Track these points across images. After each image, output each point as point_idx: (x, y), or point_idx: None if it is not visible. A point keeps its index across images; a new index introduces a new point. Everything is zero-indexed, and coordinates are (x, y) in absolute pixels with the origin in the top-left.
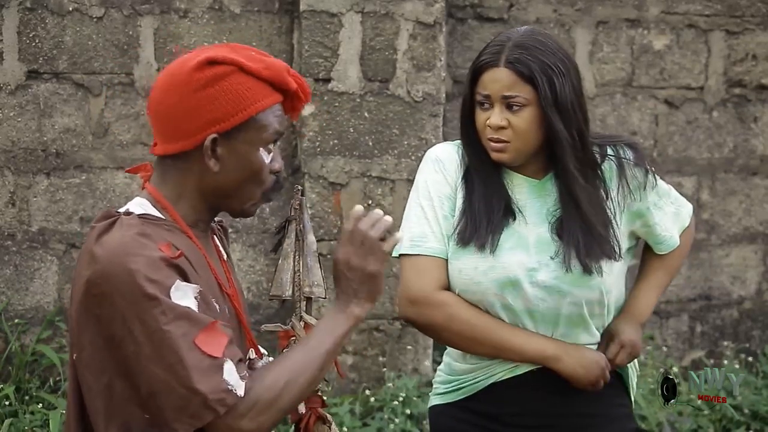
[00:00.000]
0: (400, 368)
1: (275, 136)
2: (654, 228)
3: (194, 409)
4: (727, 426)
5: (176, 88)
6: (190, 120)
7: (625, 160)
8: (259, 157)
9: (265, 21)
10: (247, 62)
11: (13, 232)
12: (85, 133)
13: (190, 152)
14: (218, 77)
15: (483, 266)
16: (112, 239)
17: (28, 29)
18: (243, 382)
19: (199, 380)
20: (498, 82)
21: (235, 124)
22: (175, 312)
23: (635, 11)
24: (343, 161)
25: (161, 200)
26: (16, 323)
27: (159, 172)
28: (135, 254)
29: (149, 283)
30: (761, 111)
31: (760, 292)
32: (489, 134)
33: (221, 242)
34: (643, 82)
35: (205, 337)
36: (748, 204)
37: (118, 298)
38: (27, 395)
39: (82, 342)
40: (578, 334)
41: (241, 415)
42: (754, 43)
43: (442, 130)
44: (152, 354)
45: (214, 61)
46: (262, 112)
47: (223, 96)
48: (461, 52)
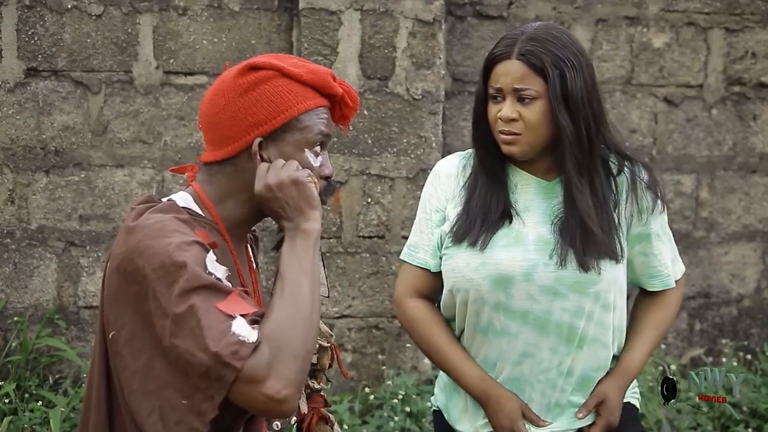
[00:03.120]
0: (399, 366)
1: (320, 137)
2: (652, 259)
3: (215, 372)
4: (726, 424)
5: (221, 95)
6: (235, 124)
7: (639, 178)
8: (305, 158)
9: (265, 18)
10: (289, 67)
11: (12, 230)
12: (84, 131)
13: (236, 157)
14: (260, 81)
15: (475, 263)
16: (151, 219)
17: (27, 27)
18: (255, 331)
19: (211, 338)
20: (510, 74)
21: (278, 125)
22: (199, 280)
23: (635, 9)
24: (343, 159)
25: (205, 199)
26: (15, 321)
27: (206, 174)
28: (171, 232)
29: (180, 251)
30: (760, 109)
31: (759, 290)
32: (500, 127)
33: (253, 252)
34: (643, 79)
35: (228, 303)
36: (748, 202)
37: (150, 272)
38: (27, 393)
39: (121, 320)
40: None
41: (262, 378)
42: (753, 41)
43: (442, 128)
44: (176, 323)
45: (256, 66)
46: (306, 113)
47: (266, 99)
48: (460, 50)
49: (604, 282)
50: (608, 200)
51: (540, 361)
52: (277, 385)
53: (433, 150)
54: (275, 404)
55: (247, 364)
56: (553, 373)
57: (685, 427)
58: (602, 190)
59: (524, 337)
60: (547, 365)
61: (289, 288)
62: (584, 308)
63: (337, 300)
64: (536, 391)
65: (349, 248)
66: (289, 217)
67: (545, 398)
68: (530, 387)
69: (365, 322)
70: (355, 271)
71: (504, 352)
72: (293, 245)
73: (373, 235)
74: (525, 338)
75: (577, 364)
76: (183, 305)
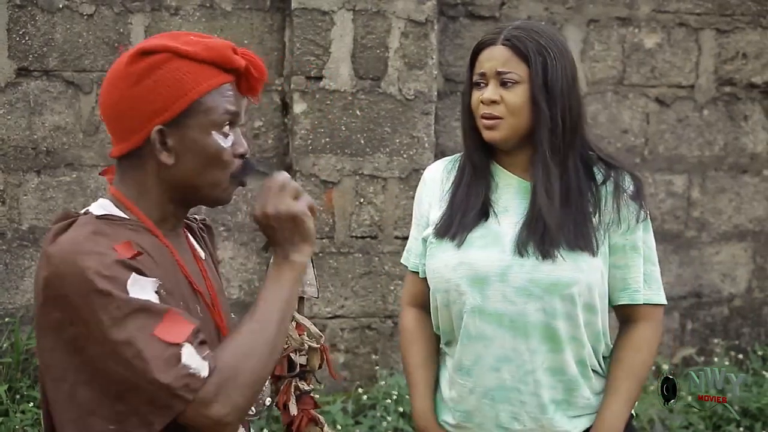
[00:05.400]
0: (392, 366)
1: (227, 117)
2: (623, 270)
3: (163, 401)
4: (717, 423)
5: (115, 85)
6: (134, 115)
7: (622, 187)
8: (213, 140)
9: (257, 18)
10: (183, 46)
11: (3, 231)
12: (75, 131)
13: (141, 149)
14: (153, 66)
15: (452, 262)
16: (66, 239)
17: (18, 26)
18: (206, 362)
19: (159, 371)
20: (494, 59)
21: (178, 111)
22: (130, 306)
23: (626, 10)
24: (335, 159)
25: (123, 200)
26: (6, 322)
27: (119, 174)
28: (87, 252)
29: (101, 278)
30: (751, 109)
31: (750, 290)
32: (482, 110)
33: (200, 241)
34: (635, 80)
35: (165, 327)
36: (738, 202)
37: (74, 298)
38: (18, 394)
39: (42, 347)
40: (555, 356)
41: (210, 401)
42: (744, 42)
43: (434, 128)
44: (112, 353)
45: (147, 51)
46: (208, 94)
47: (161, 84)
48: (453, 50)
49: (580, 284)
50: (584, 194)
51: (521, 365)
52: (223, 410)
53: (425, 150)
54: (218, 427)
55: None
56: (539, 374)
57: (677, 427)
58: (578, 183)
59: (500, 342)
60: (530, 367)
61: (259, 315)
62: (561, 310)
63: (330, 300)
64: (525, 394)
65: (342, 248)
66: (281, 245)
67: (537, 399)
68: (517, 393)
69: (358, 322)
70: (348, 271)
71: (481, 357)
72: (279, 274)
73: (366, 236)
74: (501, 342)
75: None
76: (117, 334)
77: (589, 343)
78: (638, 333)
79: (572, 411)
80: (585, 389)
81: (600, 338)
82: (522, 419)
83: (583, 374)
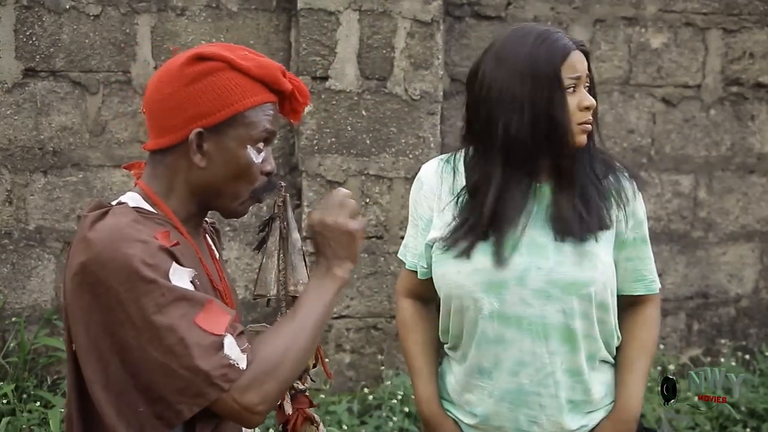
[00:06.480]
0: (398, 366)
1: (265, 134)
2: (638, 263)
3: (198, 388)
4: (724, 424)
5: (167, 83)
6: (178, 114)
7: (623, 185)
8: (247, 154)
9: (263, 19)
10: (238, 60)
11: (10, 231)
12: (82, 132)
13: (177, 147)
14: (207, 72)
15: (466, 269)
16: (107, 225)
17: (24, 27)
18: (244, 354)
19: (200, 358)
20: (582, 62)
21: (221, 119)
22: (173, 294)
23: (633, 9)
24: (341, 159)
25: (152, 195)
26: (13, 321)
27: (150, 168)
28: (131, 239)
29: (146, 266)
30: (758, 109)
31: (757, 290)
32: (582, 118)
33: (213, 242)
34: (641, 80)
35: (205, 316)
36: (746, 202)
37: (115, 284)
38: (25, 394)
39: (78, 331)
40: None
41: (245, 388)
42: (751, 42)
43: (440, 129)
44: (152, 338)
45: (204, 56)
46: (252, 109)
47: (211, 91)
48: (459, 50)
49: (597, 283)
50: (600, 191)
51: (541, 368)
52: (256, 399)
53: (431, 150)
54: (248, 415)
55: (233, 384)
56: (559, 375)
57: (684, 427)
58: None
59: (519, 345)
60: (550, 369)
61: (301, 315)
62: (578, 309)
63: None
64: (545, 397)
65: None
66: (327, 257)
67: (557, 401)
68: (537, 396)
69: (364, 322)
70: (354, 271)
71: (500, 360)
72: (321, 281)
73: (372, 236)
74: (520, 346)
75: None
76: (161, 319)
77: (601, 338)
78: (647, 313)
79: (588, 407)
80: (596, 384)
81: (612, 333)
82: (541, 422)
83: (592, 367)
